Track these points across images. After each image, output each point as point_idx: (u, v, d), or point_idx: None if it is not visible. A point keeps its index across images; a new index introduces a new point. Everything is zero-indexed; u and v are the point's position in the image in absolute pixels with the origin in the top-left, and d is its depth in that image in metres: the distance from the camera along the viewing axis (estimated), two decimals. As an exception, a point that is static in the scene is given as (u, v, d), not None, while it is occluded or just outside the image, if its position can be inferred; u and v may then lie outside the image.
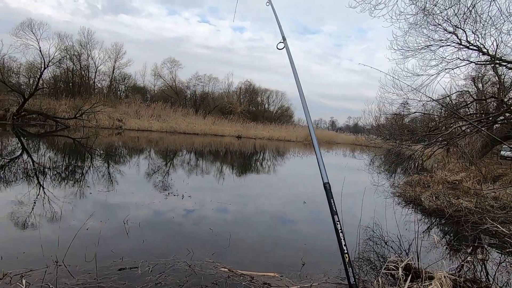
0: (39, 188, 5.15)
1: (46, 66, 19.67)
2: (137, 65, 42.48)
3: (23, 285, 1.97)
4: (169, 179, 7.10)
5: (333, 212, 1.56)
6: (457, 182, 7.32)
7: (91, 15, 50.09)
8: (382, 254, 3.68)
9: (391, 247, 3.86)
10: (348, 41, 77.58)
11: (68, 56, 24.99)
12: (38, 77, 20.13)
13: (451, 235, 4.72)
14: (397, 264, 2.49)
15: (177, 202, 5.02)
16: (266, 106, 40.28)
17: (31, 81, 22.55)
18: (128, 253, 2.94)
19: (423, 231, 4.67)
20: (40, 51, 19.23)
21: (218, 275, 2.66)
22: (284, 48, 2.26)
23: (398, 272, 2.40)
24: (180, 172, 8.44)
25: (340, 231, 1.52)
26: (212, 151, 15.66)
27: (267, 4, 2.70)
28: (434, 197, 6.10)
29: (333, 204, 1.58)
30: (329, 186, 1.64)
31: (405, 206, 6.34)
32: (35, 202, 4.32)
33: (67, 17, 47.57)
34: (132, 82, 32.31)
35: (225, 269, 2.75)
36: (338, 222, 1.55)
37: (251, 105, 37.48)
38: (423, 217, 5.65)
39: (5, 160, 7.44)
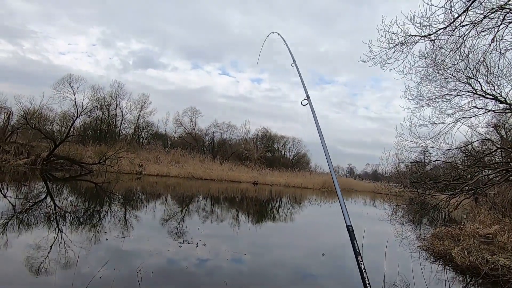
0: (57, 233, 5.22)
1: (78, 116, 21.28)
2: (160, 114, 45.13)
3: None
4: (184, 226, 7.01)
5: (357, 253, 1.55)
6: (490, 235, 6.73)
7: (123, 70, 55.22)
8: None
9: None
10: (364, 90, 79.74)
11: (98, 106, 27.08)
12: (70, 125, 21.68)
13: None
14: None
15: (191, 251, 4.90)
16: (283, 152, 40.52)
17: (63, 129, 24.27)
18: (139, 305, 2.83)
19: (458, 292, 4.22)
20: (75, 102, 21.04)
21: (231, 335, 2.47)
22: (308, 104, 2.37)
23: None
24: (195, 219, 8.34)
25: (364, 270, 1.48)
26: (228, 197, 15.54)
27: (292, 65, 2.86)
28: (466, 252, 5.59)
29: (356, 245, 1.58)
30: (352, 228, 1.66)
31: (434, 261, 5.83)
32: (51, 247, 4.36)
33: (102, 72, 52.68)
34: (155, 130, 34.00)
35: (239, 328, 2.56)
36: (362, 262, 1.51)
37: (267, 151, 37.86)
38: (456, 275, 5.14)
39: (29, 203, 7.71)
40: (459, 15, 4.28)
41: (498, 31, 4.27)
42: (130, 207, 9.31)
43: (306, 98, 2.39)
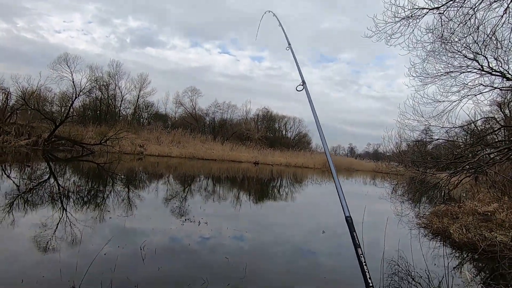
0: (62, 212, 5.30)
1: (77, 96, 21.08)
2: (160, 94, 44.71)
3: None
4: (186, 205, 7.11)
5: (356, 245, 1.51)
6: (489, 213, 6.81)
7: (120, 49, 54.10)
8: (409, 291, 3.41)
9: (419, 284, 3.57)
10: (367, 68, 78.11)
11: (97, 86, 26.75)
12: (69, 105, 21.53)
13: (486, 272, 4.33)
14: None
15: (193, 229, 4.98)
16: (284, 132, 40.47)
17: (62, 109, 24.13)
18: (143, 280, 2.90)
19: (455, 267, 4.31)
20: (73, 82, 20.75)
21: (233, 308, 2.55)
22: (303, 90, 2.26)
23: None
24: (197, 198, 8.45)
25: (364, 263, 1.45)
26: (229, 177, 15.68)
27: (287, 49, 2.76)
28: (464, 230, 5.68)
29: (355, 237, 1.54)
30: (351, 219, 1.61)
31: (432, 238, 5.94)
32: (57, 226, 4.44)
33: (99, 50, 51.64)
34: (155, 110, 33.80)
35: (241, 302, 2.64)
36: (362, 255, 1.48)
37: (268, 131, 37.79)
38: (453, 251, 5.25)
39: (33, 183, 7.79)
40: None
41: (511, 1, 4.06)
42: (133, 186, 9.41)
43: (301, 84, 2.25)
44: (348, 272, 4.08)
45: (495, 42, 5.30)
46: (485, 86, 6.05)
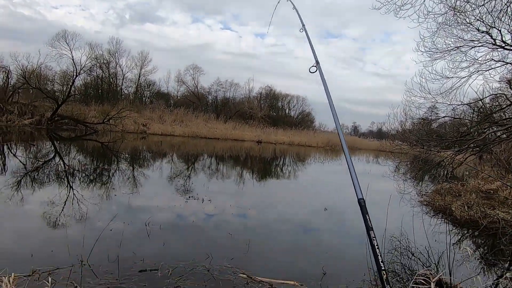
0: (69, 189, 5.39)
1: (77, 74, 20.85)
2: (161, 72, 44.01)
3: (49, 283, 2.04)
4: (190, 183, 7.19)
5: (369, 228, 1.50)
6: (492, 191, 6.83)
7: (119, 25, 52.72)
8: (409, 266, 3.47)
9: (419, 259, 3.64)
10: (373, 44, 75.68)
11: (98, 64, 26.35)
12: (70, 84, 21.35)
13: (486, 248, 4.38)
14: (429, 278, 2.33)
15: (197, 206, 5.06)
16: (287, 111, 40.08)
17: (64, 88, 23.96)
18: (148, 255, 2.98)
19: (454, 243, 4.37)
20: (73, 60, 20.43)
21: (236, 281, 2.62)
22: (317, 71, 2.24)
23: (430, 287, 2.24)
24: (201, 176, 8.54)
25: (376, 247, 1.44)
26: (232, 155, 15.76)
27: (301, 30, 2.77)
28: (466, 207, 5.72)
29: (368, 220, 1.52)
30: (364, 202, 1.59)
31: (433, 215, 6.00)
32: (64, 203, 4.53)
33: (98, 27, 50.41)
34: (157, 89, 33.44)
35: (244, 275, 2.71)
36: (374, 238, 1.47)
37: (271, 110, 37.45)
38: (454, 227, 5.31)
39: (40, 162, 7.89)
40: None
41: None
42: (137, 165, 9.51)
43: (315, 65, 2.23)
44: (350, 247, 4.16)
45: (510, 14, 5.03)
46: (496, 61, 5.82)
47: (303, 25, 2.77)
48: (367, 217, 1.54)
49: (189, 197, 5.63)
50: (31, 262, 2.57)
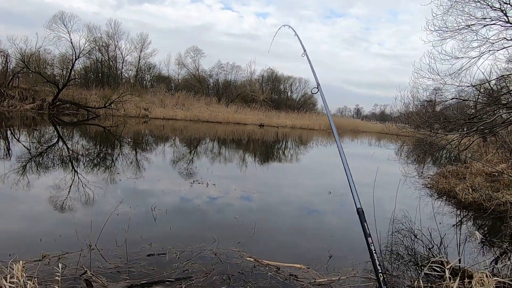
0: (74, 174, 5.42)
1: (77, 58, 20.53)
2: (161, 55, 43.26)
3: (59, 268, 2.06)
4: (194, 167, 7.21)
5: (367, 235, 1.62)
6: (496, 174, 6.80)
7: (117, 6, 51.38)
8: (412, 248, 3.51)
9: (421, 241, 3.67)
10: (378, 24, 73.49)
11: (97, 47, 25.87)
12: (70, 68, 21.08)
13: (492, 231, 4.41)
14: (443, 265, 2.34)
15: (202, 190, 5.08)
16: (289, 94, 39.59)
17: (64, 72, 23.66)
18: (156, 239, 3.01)
19: (458, 225, 4.40)
20: (71, 43, 20.06)
21: (243, 265, 2.65)
22: (318, 92, 2.55)
23: (445, 274, 2.26)
24: (204, 160, 8.55)
25: (374, 252, 1.58)
26: (235, 139, 15.73)
27: (303, 55, 2.95)
28: (470, 190, 5.71)
29: (366, 227, 1.64)
30: (362, 211, 1.69)
31: (437, 198, 6.01)
32: (70, 187, 4.56)
33: (95, 8, 49.08)
34: (157, 72, 32.97)
35: (251, 259, 2.74)
36: (372, 244, 1.61)
37: (273, 93, 36.99)
38: (457, 210, 5.33)
39: (43, 147, 7.91)
40: None
41: None
42: (140, 149, 9.52)
43: (316, 87, 2.55)
44: (354, 230, 4.19)
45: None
46: (508, 40, 5.61)
47: (304, 50, 2.97)
48: (366, 225, 1.65)
49: (194, 181, 5.65)
50: (40, 247, 2.61)
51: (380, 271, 1.53)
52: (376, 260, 1.55)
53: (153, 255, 2.68)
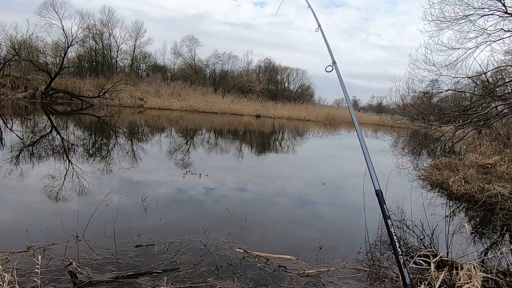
0: (65, 164, 5.34)
1: (69, 45, 20.10)
2: (157, 44, 42.47)
3: (39, 260, 2.02)
4: (188, 158, 7.15)
5: (386, 217, 1.60)
6: (489, 166, 6.83)
7: (111, -7, 49.96)
8: (404, 239, 3.52)
9: (413, 231, 3.69)
10: (377, 14, 72.73)
11: (90, 35, 25.34)
12: (62, 56, 20.64)
13: (482, 222, 4.44)
14: (429, 258, 2.34)
15: (194, 181, 5.04)
16: (286, 84, 39.33)
17: (57, 60, 23.19)
18: (145, 230, 2.98)
19: (449, 217, 4.42)
20: (63, 30, 19.59)
21: (233, 256, 2.63)
22: (333, 70, 2.37)
23: (430, 267, 2.26)
24: (199, 151, 8.49)
25: (394, 234, 1.55)
26: (231, 130, 15.65)
27: (317, 30, 2.83)
28: (463, 181, 5.73)
29: (386, 209, 1.62)
30: (381, 193, 1.68)
31: (430, 190, 6.04)
32: (60, 177, 4.49)
33: (88, -6, 47.69)
34: (153, 61, 32.49)
35: (240, 250, 2.72)
36: (392, 226, 1.58)
37: (270, 83, 36.72)
38: (450, 201, 5.36)
39: (36, 137, 7.78)
40: None
41: None
42: (135, 139, 9.42)
43: (331, 64, 2.34)
44: (346, 221, 4.20)
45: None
46: (506, 31, 5.54)
47: (319, 25, 2.83)
48: (385, 207, 1.62)
49: (187, 171, 5.60)
50: (26, 238, 2.56)
51: (400, 253, 1.52)
52: (396, 242, 1.53)
53: (142, 246, 2.65)
